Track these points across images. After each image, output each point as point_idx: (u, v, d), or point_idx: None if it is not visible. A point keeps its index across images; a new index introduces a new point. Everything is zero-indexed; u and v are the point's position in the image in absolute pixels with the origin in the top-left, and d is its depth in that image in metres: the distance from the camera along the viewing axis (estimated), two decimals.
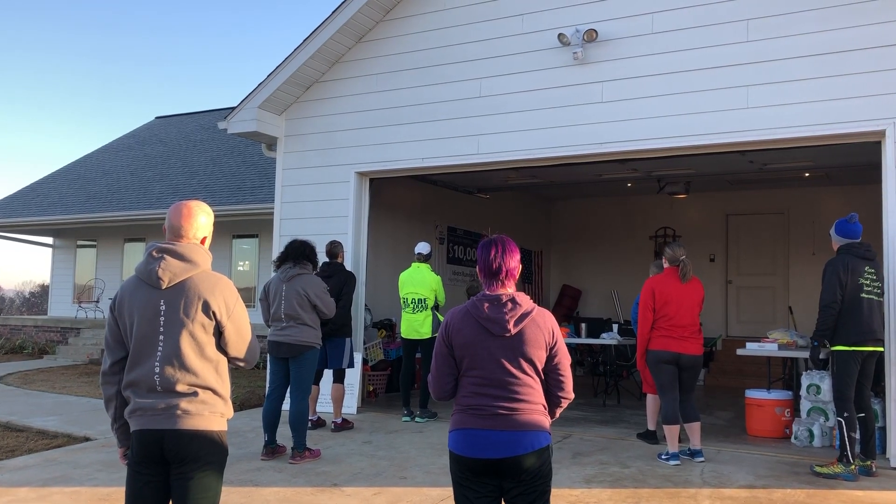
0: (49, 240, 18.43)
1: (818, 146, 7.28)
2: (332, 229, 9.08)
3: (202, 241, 3.13)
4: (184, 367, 2.93)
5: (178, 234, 3.07)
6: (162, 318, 2.96)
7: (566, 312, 14.93)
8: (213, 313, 2.98)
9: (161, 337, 2.95)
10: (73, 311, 17.19)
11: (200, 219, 3.12)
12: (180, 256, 3.01)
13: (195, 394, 2.95)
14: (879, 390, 6.82)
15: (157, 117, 22.94)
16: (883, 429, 6.68)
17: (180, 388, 2.93)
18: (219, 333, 3.02)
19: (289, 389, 6.57)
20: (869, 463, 6.01)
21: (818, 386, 7.28)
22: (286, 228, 9.44)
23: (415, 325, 8.35)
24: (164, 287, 2.98)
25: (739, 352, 8.03)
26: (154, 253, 3.03)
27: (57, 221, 15.93)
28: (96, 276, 17.27)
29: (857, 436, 5.96)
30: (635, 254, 14.66)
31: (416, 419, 8.21)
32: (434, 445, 6.95)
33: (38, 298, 27.86)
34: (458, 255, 13.26)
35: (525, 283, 14.68)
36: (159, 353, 2.94)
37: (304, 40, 9.07)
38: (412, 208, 12.01)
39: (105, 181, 17.49)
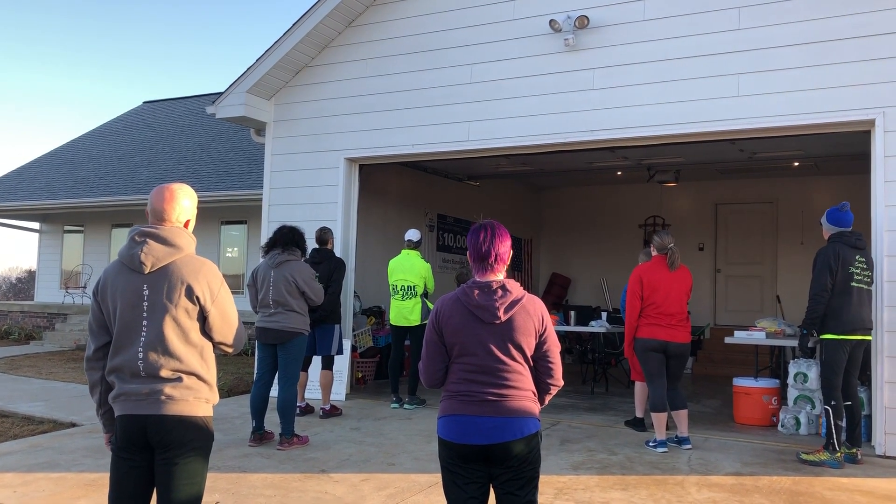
0: (35, 225, 18.28)
1: (808, 135, 7.28)
2: (321, 216, 9.04)
3: (186, 225, 3.09)
4: (168, 352, 2.90)
5: (160, 217, 3.03)
6: (145, 304, 2.93)
7: (555, 300, 14.94)
8: (197, 298, 2.94)
9: (144, 322, 2.92)
10: (60, 296, 17.09)
11: (183, 202, 3.07)
12: (163, 240, 2.97)
13: (179, 379, 2.92)
14: (866, 379, 6.86)
15: (144, 102, 22.76)
16: (869, 417, 6.73)
17: (164, 373, 2.90)
18: (203, 318, 2.99)
19: (277, 376, 6.55)
20: (854, 451, 6.05)
21: (805, 374, 7.32)
22: (275, 214, 9.38)
23: (404, 313, 8.34)
24: (146, 272, 2.94)
25: (727, 340, 8.05)
26: (136, 237, 2.98)
27: (43, 206, 15.79)
28: (83, 262, 17.16)
29: (844, 424, 5.99)
30: (625, 242, 14.68)
31: (405, 406, 8.21)
32: (422, 432, 6.95)
33: (24, 284, 27.68)
34: (448, 242, 13.24)
35: (514, 271, 14.68)
36: (143, 339, 2.91)
37: (294, 24, 8.99)
38: (402, 195, 11.97)
39: (92, 166, 17.35)
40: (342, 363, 8.71)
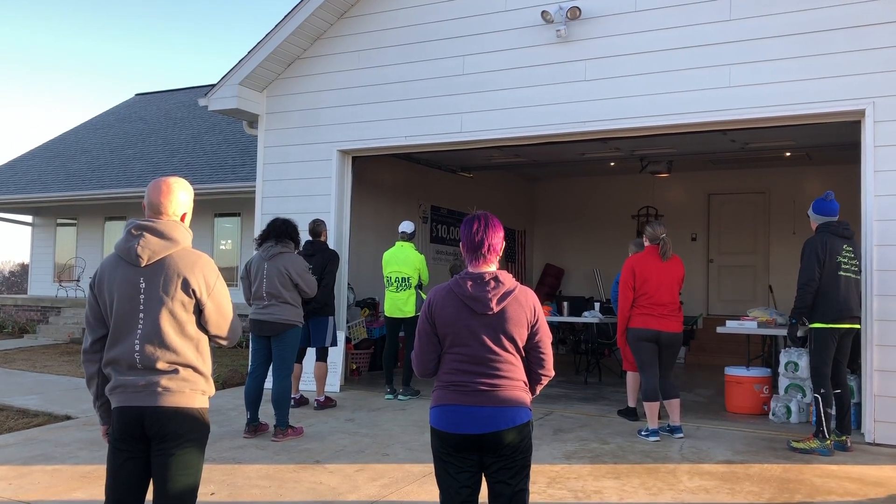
0: (28, 218, 18.22)
1: (799, 125, 7.32)
2: (314, 208, 9.04)
3: (182, 218, 3.11)
4: (164, 344, 2.93)
5: (157, 211, 3.05)
6: (142, 296, 2.95)
7: (549, 291, 14.99)
8: (193, 291, 2.97)
9: (141, 315, 2.94)
10: (53, 290, 17.06)
11: (180, 195, 3.09)
12: (160, 234, 2.99)
13: (176, 371, 2.94)
14: (855, 367, 6.92)
15: (137, 94, 22.67)
16: (858, 405, 6.79)
17: (161, 365, 2.93)
18: (199, 311, 3.01)
19: (271, 368, 6.57)
20: (844, 438, 6.11)
21: (796, 363, 7.38)
22: (268, 207, 9.39)
23: (398, 304, 8.36)
24: (143, 265, 2.96)
25: (719, 330, 8.11)
26: (133, 230, 3.01)
27: (36, 200, 15.75)
28: (77, 255, 17.13)
29: (833, 412, 6.05)
30: (618, 233, 14.72)
31: (399, 397, 8.25)
32: (416, 423, 6.99)
33: (17, 277, 27.58)
34: (442, 234, 13.27)
35: (508, 262, 14.73)
36: (139, 331, 2.93)
37: (286, 16, 8.97)
38: (395, 187, 11.98)
39: (85, 159, 17.29)
40: (336, 355, 8.74)
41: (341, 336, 8.86)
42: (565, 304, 10.51)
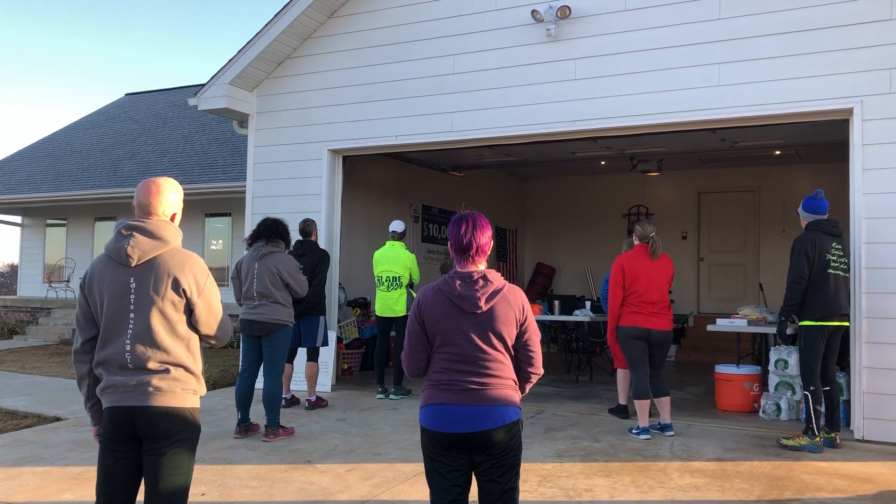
0: (17, 219, 18.13)
1: (788, 124, 7.36)
2: (305, 207, 9.03)
3: (172, 219, 3.11)
4: (155, 344, 2.92)
5: (147, 211, 3.05)
6: (132, 296, 2.95)
7: (540, 290, 15.00)
8: (184, 291, 2.97)
9: (132, 315, 2.94)
10: (43, 290, 16.98)
11: (170, 196, 3.09)
12: (150, 234, 2.99)
13: (167, 371, 2.94)
14: (845, 364, 6.96)
15: (127, 94, 22.60)
16: (847, 402, 6.84)
17: (152, 365, 2.92)
18: (189, 311, 3.01)
19: (262, 368, 6.56)
20: (833, 435, 6.15)
21: (786, 361, 7.41)
22: (258, 206, 9.37)
23: (389, 303, 8.36)
24: (133, 265, 2.96)
25: (710, 328, 8.14)
26: (123, 230, 3.00)
27: (25, 200, 15.67)
28: (66, 256, 17.05)
29: (823, 409, 6.09)
30: (608, 232, 14.76)
31: (391, 396, 8.25)
32: (408, 422, 6.99)
33: (6, 278, 27.43)
34: (433, 233, 13.27)
35: (499, 261, 14.73)
36: (130, 331, 2.93)
37: (276, 15, 8.96)
38: (386, 186, 11.98)
39: (75, 159, 17.22)
40: (327, 354, 8.73)
41: (332, 336, 8.85)
42: (556, 302, 10.52)
